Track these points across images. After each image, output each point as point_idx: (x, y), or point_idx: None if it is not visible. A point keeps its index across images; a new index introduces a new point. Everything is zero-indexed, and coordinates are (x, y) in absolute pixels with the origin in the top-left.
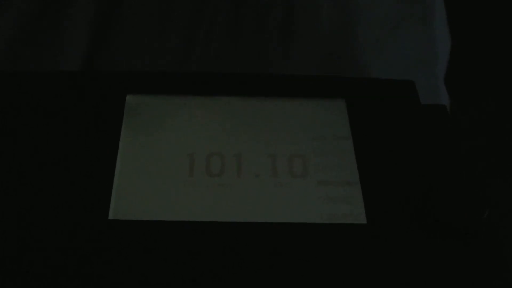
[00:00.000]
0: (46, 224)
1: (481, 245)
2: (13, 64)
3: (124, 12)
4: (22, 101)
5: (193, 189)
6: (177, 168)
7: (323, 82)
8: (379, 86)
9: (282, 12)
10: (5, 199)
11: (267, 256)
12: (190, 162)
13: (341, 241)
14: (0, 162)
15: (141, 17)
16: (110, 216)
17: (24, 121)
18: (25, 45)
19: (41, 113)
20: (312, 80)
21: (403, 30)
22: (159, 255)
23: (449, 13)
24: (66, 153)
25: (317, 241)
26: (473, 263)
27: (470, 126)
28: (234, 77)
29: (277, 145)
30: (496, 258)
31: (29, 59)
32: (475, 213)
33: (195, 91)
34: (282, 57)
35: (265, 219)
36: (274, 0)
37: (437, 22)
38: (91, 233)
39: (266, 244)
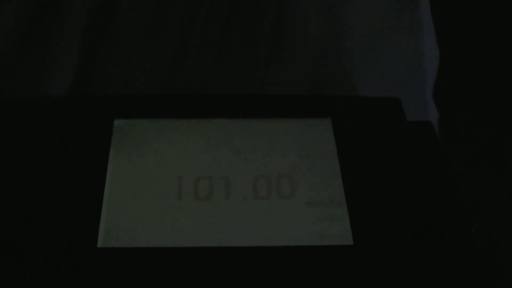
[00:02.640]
0: (33, 254)
1: (471, 260)
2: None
3: (112, 30)
4: (9, 127)
5: (182, 213)
6: (166, 192)
7: (308, 102)
8: (365, 104)
9: (271, 26)
10: None
11: (257, 280)
12: (179, 185)
13: (329, 263)
14: None
15: (130, 36)
16: (99, 244)
17: (11, 147)
18: (12, 70)
19: (28, 138)
20: (297, 99)
21: (390, 41)
22: (149, 282)
23: (436, 24)
24: (54, 179)
25: (305, 264)
26: (462, 281)
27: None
28: (221, 98)
29: (264, 166)
30: (490, 270)
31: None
32: (462, 229)
33: (182, 113)
34: (271, 71)
35: (254, 243)
36: (263, 13)
37: (424, 33)
38: (80, 262)
39: (255, 268)
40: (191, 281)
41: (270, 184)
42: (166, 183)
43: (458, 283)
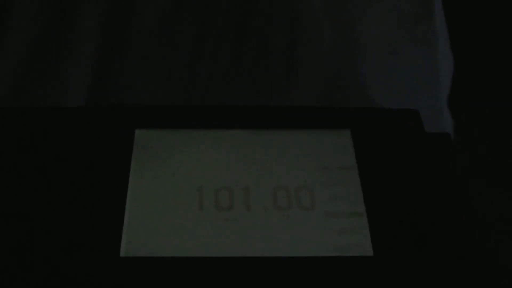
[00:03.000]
0: (56, 263)
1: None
2: (18, 100)
3: (127, 43)
4: (30, 138)
5: (203, 224)
6: (187, 202)
7: (328, 113)
8: (384, 116)
9: (285, 40)
10: (14, 236)
11: None
12: (199, 196)
13: (349, 274)
14: (7, 200)
15: (144, 48)
16: (122, 254)
17: (31, 158)
18: (30, 80)
19: (49, 149)
20: (317, 111)
21: (405, 53)
22: None
23: (452, 35)
24: (75, 190)
25: (324, 275)
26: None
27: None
28: (240, 109)
29: (284, 177)
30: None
31: (33, 94)
32: (480, 240)
33: (203, 124)
34: (286, 84)
35: (275, 254)
36: (277, 28)
37: (440, 45)
38: (103, 271)
39: (275, 279)
40: None
41: (290, 195)
42: (187, 194)
43: None
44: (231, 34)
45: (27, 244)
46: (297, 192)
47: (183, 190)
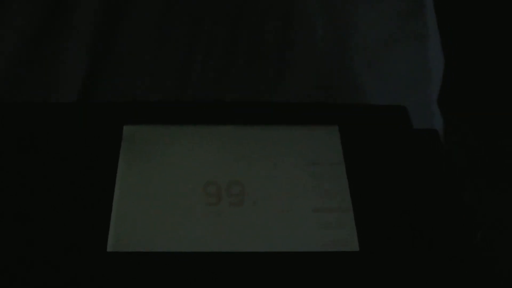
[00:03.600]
0: (44, 258)
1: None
2: (9, 94)
3: (120, 40)
4: (17, 133)
5: (191, 219)
6: (175, 197)
7: (316, 109)
8: (371, 112)
9: (278, 37)
10: (1, 230)
11: (263, 286)
12: (187, 191)
13: (335, 269)
14: None
15: (137, 45)
16: (109, 249)
17: (19, 154)
18: (23, 75)
19: (37, 145)
20: (305, 107)
21: (397, 49)
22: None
23: (441, 32)
24: (63, 185)
25: (311, 270)
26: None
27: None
28: (228, 105)
29: (272, 172)
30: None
31: (26, 89)
32: (468, 236)
33: (191, 120)
34: (278, 79)
35: (263, 249)
36: (270, 26)
37: (431, 41)
38: (90, 266)
39: (263, 273)
40: (197, 286)
41: (278, 190)
42: (174, 189)
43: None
44: (224, 32)
45: (14, 238)
46: (286, 187)
47: (171, 185)
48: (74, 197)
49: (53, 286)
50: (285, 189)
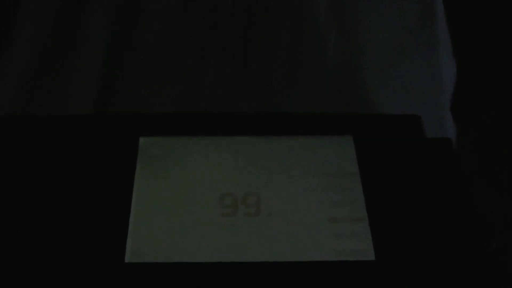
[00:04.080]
0: (62, 269)
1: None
2: (27, 104)
3: (133, 52)
4: (36, 146)
5: (207, 229)
6: (191, 208)
7: (330, 119)
8: (386, 122)
9: (289, 45)
10: (18, 244)
11: None
12: (203, 202)
13: (351, 279)
14: (12, 206)
15: (150, 56)
16: (127, 260)
17: (37, 166)
18: (38, 85)
19: (54, 157)
20: (319, 117)
21: (408, 58)
22: None
23: (454, 40)
24: (81, 197)
25: (327, 279)
26: None
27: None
28: (244, 116)
29: (287, 183)
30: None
31: (41, 99)
32: (483, 245)
33: (206, 131)
34: (289, 89)
35: (278, 259)
36: (280, 34)
37: (442, 50)
38: (108, 277)
39: (279, 284)
40: None
41: (293, 201)
42: (191, 200)
43: None
44: (235, 41)
45: (33, 250)
46: (301, 197)
47: (187, 196)
48: (92, 209)
49: None
50: (300, 200)
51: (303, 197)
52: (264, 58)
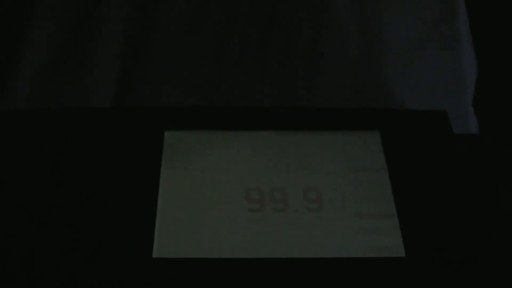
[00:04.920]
0: (89, 265)
1: None
2: (47, 98)
3: (152, 45)
4: (61, 139)
5: (234, 225)
6: (218, 203)
7: (356, 114)
8: (412, 117)
9: (310, 41)
10: (44, 236)
11: None
12: (230, 197)
13: (381, 275)
14: (39, 201)
15: (169, 50)
16: (154, 255)
17: (62, 159)
18: (58, 78)
19: (80, 151)
20: (346, 112)
21: (429, 54)
22: None
23: (475, 36)
24: (107, 192)
25: (356, 275)
26: None
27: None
28: (269, 110)
29: (314, 178)
30: None
31: (62, 93)
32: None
33: (231, 126)
34: (310, 84)
35: (306, 255)
36: (301, 26)
37: (464, 46)
38: (135, 273)
39: (307, 280)
40: None
41: (320, 196)
42: (217, 195)
43: None
44: (255, 36)
45: (60, 245)
46: (328, 193)
47: (214, 191)
48: (118, 204)
49: None
50: (327, 195)
51: (330, 193)
52: (284, 54)
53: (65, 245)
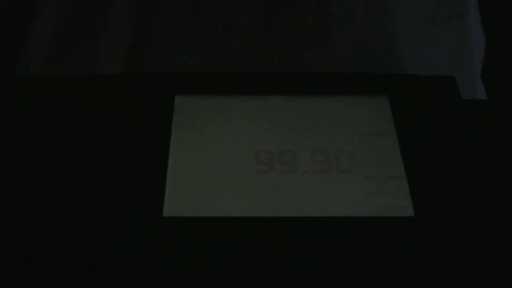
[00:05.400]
0: (98, 224)
1: None
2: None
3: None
4: (71, 105)
5: (243, 185)
6: (227, 165)
7: (365, 79)
8: (420, 83)
9: (318, 12)
10: (57, 197)
11: (318, 250)
12: (240, 159)
13: (390, 235)
14: (53, 160)
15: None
16: (165, 214)
17: (73, 123)
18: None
19: (90, 116)
20: (354, 77)
21: (437, 25)
22: (213, 252)
23: (482, 9)
24: (117, 154)
25: (365, 235)
26: None
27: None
28: (278, 76)
29: (323, 141)
30: None
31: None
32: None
33: (240, 90)
34: (319, 56)
35: (314, 214)
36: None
37: (471, 19)
38: (145, 232)
39: (315, 238)
40: (254, 250)
41: (329, 159)
42: (227, 156)
43: None
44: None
45: (71, 202)
46: (337, 156)
47: (223, 153)
48: (129, 166)
49: (108, 250)
50: (335, 158)
51: (339, 156)
52: (293, 24)
53: (75, 201)
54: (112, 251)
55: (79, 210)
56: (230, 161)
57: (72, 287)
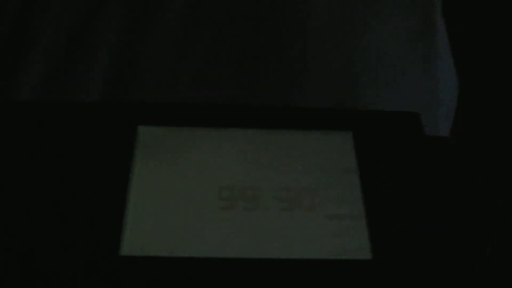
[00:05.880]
0: (53, 261)
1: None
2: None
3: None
4: (32, 132)
5: (205, 223)
6: (189, 201)
7: (330, 115)
8: (385, 118)
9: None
10: (11, 232)
11: None
12: (202, 195)
13: (347, 277)
14: (8, 195)
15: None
16: (122, 253)
17: (33, 154)
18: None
19: (51, 145)
20: (319, 112)
21: (405, 71)
22: None
23: (455, 53)
24: (76, 186)
25: (323, 277)
26: None
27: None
28: (244, 108)
29: (285, 178)
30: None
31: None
32: (477, 251)
33: (205, 122)
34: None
35: (275, 255)
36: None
37: (442, 63)
38: (102, 271)
39: (274, 280)
40: None
41: (291, 196)
42: (189, 192)
43: None
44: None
45: (23, 241)
46: (299, 193)
47: (185, 189)
48: (87, 199)
49: None
50: (298, 195)
51: (301, 193)
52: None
53: (28, 239)
54: None
55: (30, 249)
56: (193, 197)
57: None
